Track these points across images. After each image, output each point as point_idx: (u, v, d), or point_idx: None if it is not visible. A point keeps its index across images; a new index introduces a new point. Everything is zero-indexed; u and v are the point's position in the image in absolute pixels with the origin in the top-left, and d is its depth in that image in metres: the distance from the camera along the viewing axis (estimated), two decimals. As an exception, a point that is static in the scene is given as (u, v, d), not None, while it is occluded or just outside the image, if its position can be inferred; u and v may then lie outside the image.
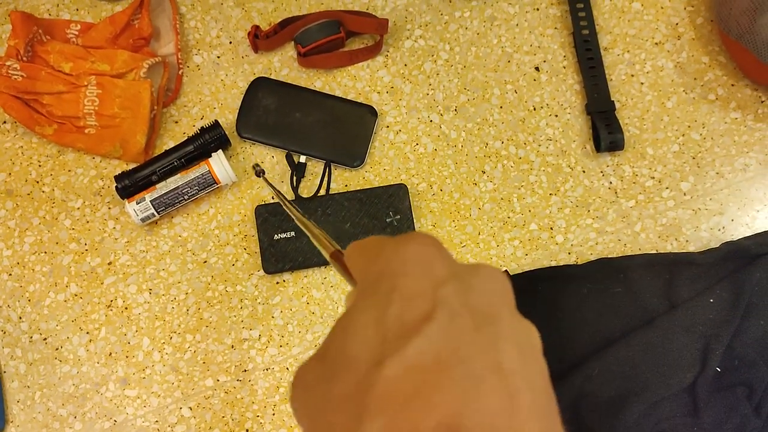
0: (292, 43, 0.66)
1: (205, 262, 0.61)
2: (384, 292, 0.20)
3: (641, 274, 0.60)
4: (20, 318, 0.60)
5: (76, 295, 0.60)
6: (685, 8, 0.67)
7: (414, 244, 0.22)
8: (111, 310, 0.60)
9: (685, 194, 0.63)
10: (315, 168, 0.63)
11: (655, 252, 0.62)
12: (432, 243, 0.22)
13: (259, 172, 0.56)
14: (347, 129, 0.63)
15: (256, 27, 0.64)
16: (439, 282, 0.20)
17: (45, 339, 0.59)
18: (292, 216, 0.41)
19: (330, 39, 0.64)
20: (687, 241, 0.62)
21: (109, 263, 0.61)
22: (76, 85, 0.62)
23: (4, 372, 0.59)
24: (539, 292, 0.61)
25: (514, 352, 0.19)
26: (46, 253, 0.61)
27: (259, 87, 0.64)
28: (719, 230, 0.62)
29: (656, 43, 0.66)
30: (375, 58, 0.66)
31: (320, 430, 0.19)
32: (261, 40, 0.64)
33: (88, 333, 0.60)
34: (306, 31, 0.64)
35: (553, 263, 0.62)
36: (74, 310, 0.60)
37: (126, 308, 0.60)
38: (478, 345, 0.19)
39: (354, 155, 0.63)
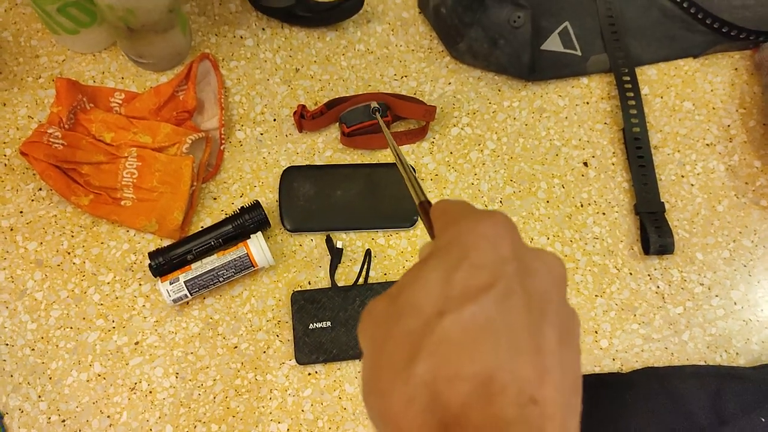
0: (337, 123, 0.65)
1: (236, 347, 0.59)
2: (456, 256, 0.23)
3: (689, 386, 0.58)
4: (39, 397, 0.57)
5: (99, 375, 0.58)
6: (737, 110, 0.66)
7: (490, 222, 0.24)
8: (135, 393, 0.57)
9: (735, 303, 0.61)
10: (354, 254, 0.62)
11: (703, 363, 0.59)
12: (505, 224, 0.25)
13: (375, 110, 0.60)
14: (390, 191, 0.62)
15: (302, 107, 0.63)
16: (504, 260, 0.23)
17: (63, 421, 0.57)
18: (395, 155, 0.42)
19: (376, 122, 0.63)
20: (737, 353, 0.60)
21: (136, 343, 0.59)
22: (116, 156, 0.61)
23: (18, 454, 0.56)
24: (582, 400, 0.58)
25: (554, 335, 0.23)
26: (71, 328, 0.59)
27: (292, 176, 0.63)
28: (771, 344, 0.60)
29: (707, 144, 0.65)
30: (420, 143, 0.65)
31: (379, 356, 0.23)
32: (307, 120, 0.63)
33: (108, 417, 0.57)
34: (352, 111, 0.63)
35: (597, 369, 0.59)
36: (96, 392, 0.57)
37: (150, 392, 0.58)
38: (525, 322, 0.22)
39: (405, 217, 0.62)
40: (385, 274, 0.61)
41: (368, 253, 0.61)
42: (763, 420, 0.57)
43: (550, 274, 0.24)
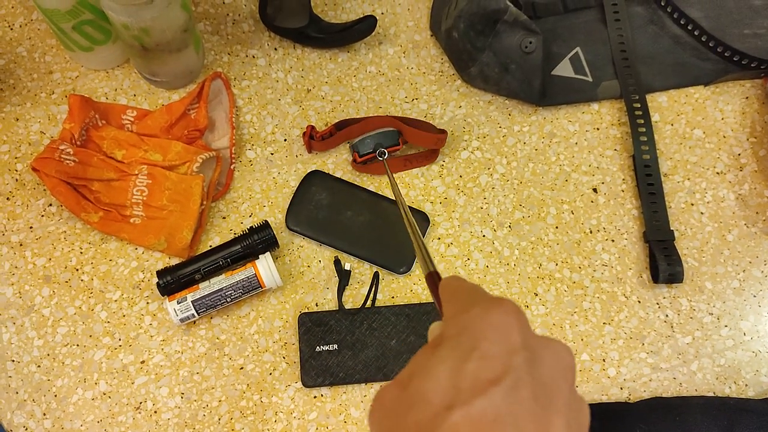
0: (347, 144, 0.65)
1: (242, 368, 0.59)
2: (466, 347, 0.24)
3: (698, 418, 0.57)
4: (44, 414, 0.57)
5: (104, 394, 0.58)
6: (747, 139, 0.66)
7: (500, 311, 0.25)
8: (140, 412, 0.57)
9: (745, 334, 0.61)
10: (362, 276, 0.61)
11: (712, 395, 0.59)
12: (515, 313, 0.25)
13: (381, 154, 0.60)
14: (397, 234, 0.62)
15: (312, 127, 0.63)
16: (513, 350, 0.24)
17: (68, 439, 0.56)
18: (405, 218, 0.44)
19: (387, 150, 0.62)
20: (746, 385, 0.59)
21: (142, 362, 0.58)
22: (127, 173, 0.61)
23: (22, 472, 0.56)
24: (589, 429, 0.57)
25: (562, 425, 0.23)
26: (78, 345, 0.59)
27: (314, 180, 0.63)
28: (780, 376, 0.59)
29: (718, 173, 0.65)
30: (430, 166, 0.65)
31: None
32: (316, 141, 0.63)
33: (113, 436, 0.57)
34: (364, 140, 0.63)
35: (605, 398, 0.59)
36: (101, 410, 0.57)
37: (155, 412, 0.57)
38: (533, 413, 0.22)
39: (401, 262, 0.61)
40: (393, 297, 0.61)
41: (376, 276, 0.61)
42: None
43: (558, 363, 0.25)
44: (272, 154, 0.65)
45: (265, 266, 0.58)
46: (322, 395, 0.58)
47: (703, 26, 0.68)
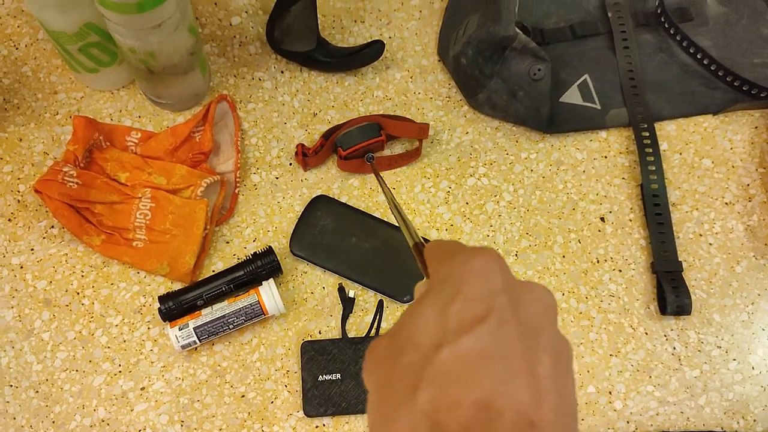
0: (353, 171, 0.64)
1: (243, 396, 0.58)
2: (450, 292, 0.25)
3: (706, 455, 0.56)
4: (42, 441, 0.56)
5: (103, 421, 0.57)
6: (756, 169, 0.66)
7: (481, 258, 0.26)
8: (138, 440, 0.56)
9: (753, 368, 0.60)
10: (366, 304, 0.61)
11: (720, 430, 0.58)
12: (496, 259, 0.26)
13: (370, 158, 0.61)
14: (402, 261, 0.61)
15: (302, 145, 0.63)
16: (496, 292, 0.24)
17: (65, 467, 0.56)
18: (388, 199, 0.45)
19: (370, 142, 0.62)
20: (755, 420, 0.58)
21: (142, 388, 0.58)
22: (131, 196, 0.61)
23: (17, 500, 0.55)
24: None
25: (548, 361, 0.23)
26: (77, 371, 0.58)
27: (319, 205, 0.62)
28: (790, 412, 0.59)
29: (726, 203, 0.64)
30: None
31: (384, 392, 0.24)
32: (310, 157, 0.63)
33: (111, 464, 0.56)
34: (347, 134, 0.63)
35: (611, 432, 0.58)
36: (99, 438, 0.56)
37: (154, 440, 0.56)
38: (519, 348, 0.23)
39: (405, 290, 0.60)
40: (397, 326, 0.60)
41: (380, 304, 0.60)
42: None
43: (540, 303, 0.25)
44: (277, 178, 0.64)
45: (268, 293, 0.58)
46: (324, 425, 0.57)
47: (713, 55, 0.67)
